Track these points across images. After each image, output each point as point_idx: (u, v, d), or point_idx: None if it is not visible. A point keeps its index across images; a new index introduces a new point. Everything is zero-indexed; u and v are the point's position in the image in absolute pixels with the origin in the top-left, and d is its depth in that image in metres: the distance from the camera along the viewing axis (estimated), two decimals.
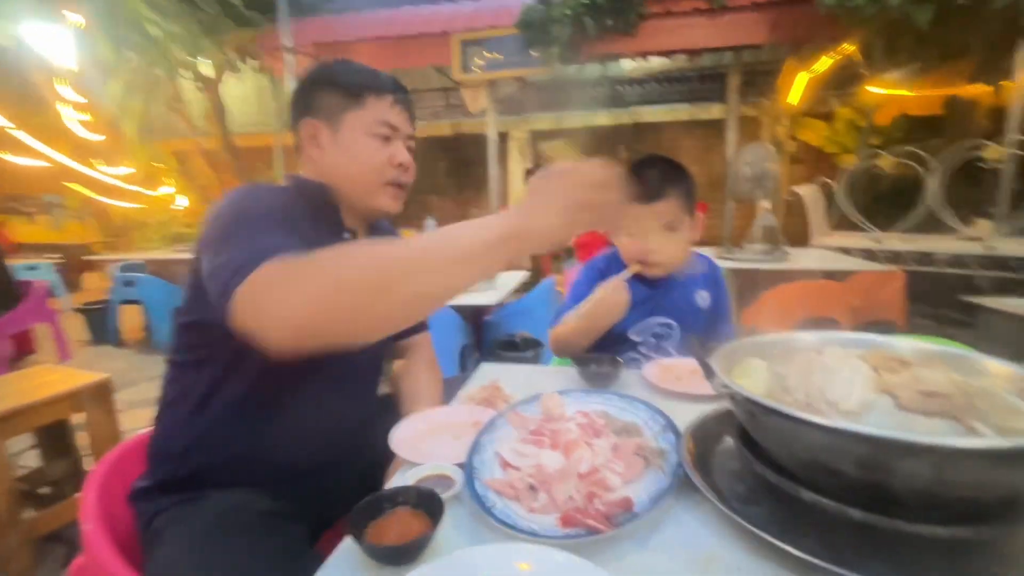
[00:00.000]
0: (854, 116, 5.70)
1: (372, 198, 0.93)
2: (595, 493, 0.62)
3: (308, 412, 0.88)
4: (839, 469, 0.51)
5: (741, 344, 0.74)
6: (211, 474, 0.83)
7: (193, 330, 0.84)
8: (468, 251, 0.59)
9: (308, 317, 0.58)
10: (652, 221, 1.19)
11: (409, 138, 0.96)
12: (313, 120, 0.90)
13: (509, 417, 0.82)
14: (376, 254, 0.59)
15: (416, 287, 0.59)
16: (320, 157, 0.91)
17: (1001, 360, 0.64)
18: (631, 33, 4.43)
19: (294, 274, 0.59)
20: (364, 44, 5.08)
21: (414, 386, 1.08)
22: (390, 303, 0.58)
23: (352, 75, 0.91)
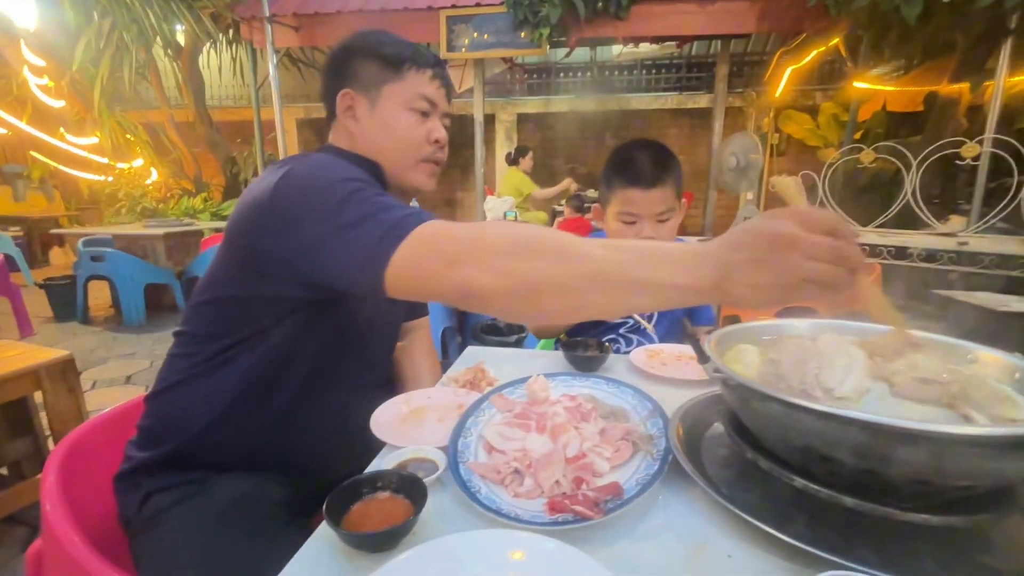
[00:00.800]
0: (837, 111, 5.77)
1: (408, 174, 0.90)
2: (583, 478, 0.60)
3: (330, 395, 0.86)
4: (834, 456, 0.50)
5: (732, 330, 0.73)
6: (227, 455, 0.80)
7: (223, 305, 0.80)
8: (659, 285, 0.51)
9: (479, 289, 0.55)
10: (648, 208, 1.16)
11: (445, 115, 0.93)
12: (350, 91, 0.87)
13: (494, 400, 0.80)
14: (569, 251, 0.54)
15: (596, 297, 0.54)
16: (357, 130, 0.88)
17: (991, 349, 0.63)
18: (622, 17, 4.37)
19: (472, 241, 0.57)
20: (346, 16, 4.91)
21: (414, 370, 1.07)
22: (563, 304, 0.56)
23: (392, 46, 0.87)
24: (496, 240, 0.56)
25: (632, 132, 7.34)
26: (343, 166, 0.74)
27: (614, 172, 1.19)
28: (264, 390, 0.80)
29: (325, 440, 0.86)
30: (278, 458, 0.82)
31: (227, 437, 0.80)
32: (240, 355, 0.79)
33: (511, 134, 7.51)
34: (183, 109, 6.83)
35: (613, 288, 0.53)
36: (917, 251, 3.66)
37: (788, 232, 0.46)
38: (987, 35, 3.58)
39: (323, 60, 0.94)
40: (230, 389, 0.79)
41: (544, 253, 0.54)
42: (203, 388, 0.80)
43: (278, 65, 5.41)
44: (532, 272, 0.54)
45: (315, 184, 0.69)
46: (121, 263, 3.93)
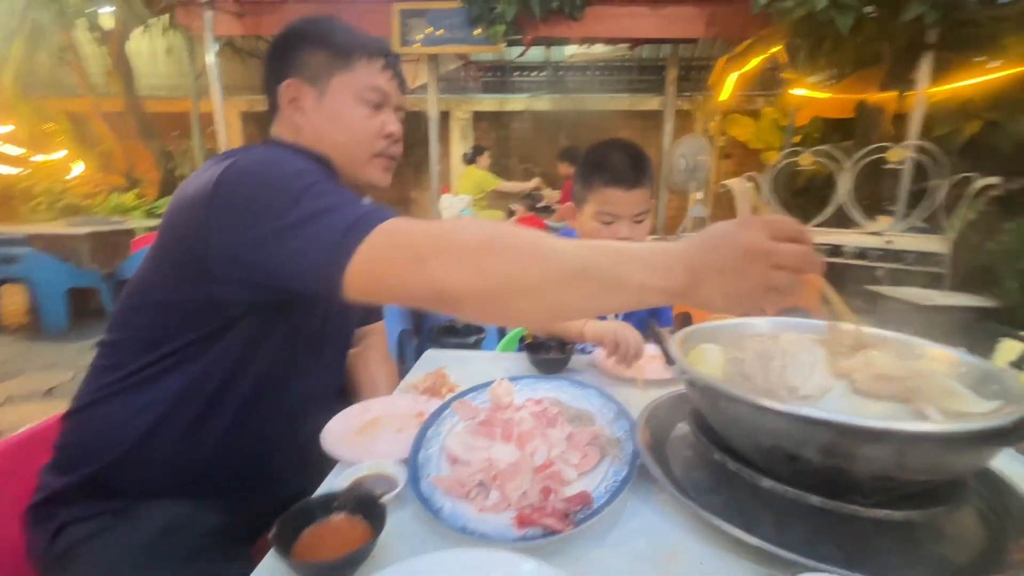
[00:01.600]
0: (778, 116, 6.06)
1: (362, 170, 0.84)
2: (551, 488, 0.58)
3: (277, 408, 0.79)
4: (801, 455, 0.50)
5: (695, 330, 0.73)
6: (156, 478, 0.72)
7: (157, 310, 0.72)
8: (634, 286, 0.50)
9: (451, 289, 0.52)
10: (628, 208, 1.15)
11: (399, 108, 0.88)
12: (295, 80, 0.80)
13: (456, 407, 0.76)
14: (544, 250, 0.52)
15: (571, 298, 0.52)
16: (303, 122, 0.81)
17: (937, 344, 0.66)
18: (576, 17, 4.41)
19: (443, 238, 0.54)
20: (294, 5, 4.69)
21: (370, 378, 1.01)
22: (538, 304, 0.53)
23: (342, 34, 0.81)
24: (469, 238, 0.53)
25: (586, 132, 7.43)
26: (294, 159, 0.69)
27: (594, 172, 1.17)
28: (203, 404, 0.73)
29: (271, 457, 0.79)
30: (217, 479, 0.75)
31: (158, 457, 0.72)
32: (176, 366, 0.72)
33: (466, 132, 7.43)
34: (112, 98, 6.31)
35: (589, 288, 0.52)
36: (850, 249, 3.90)
37: (759, 243, 0.47)
38: (910, 48, 3.86)
39: None
40: (164, 404, 0.72)
41: (519, 252, 0.52)
42: (132, 403, 0.72)
43: (220, 54, 5.11)
44: (507, 272, 0.52)
45: (265, 177, 0.64)
46: (39, 265, 3.59)
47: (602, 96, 7.29)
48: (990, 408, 0.53)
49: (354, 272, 0.55)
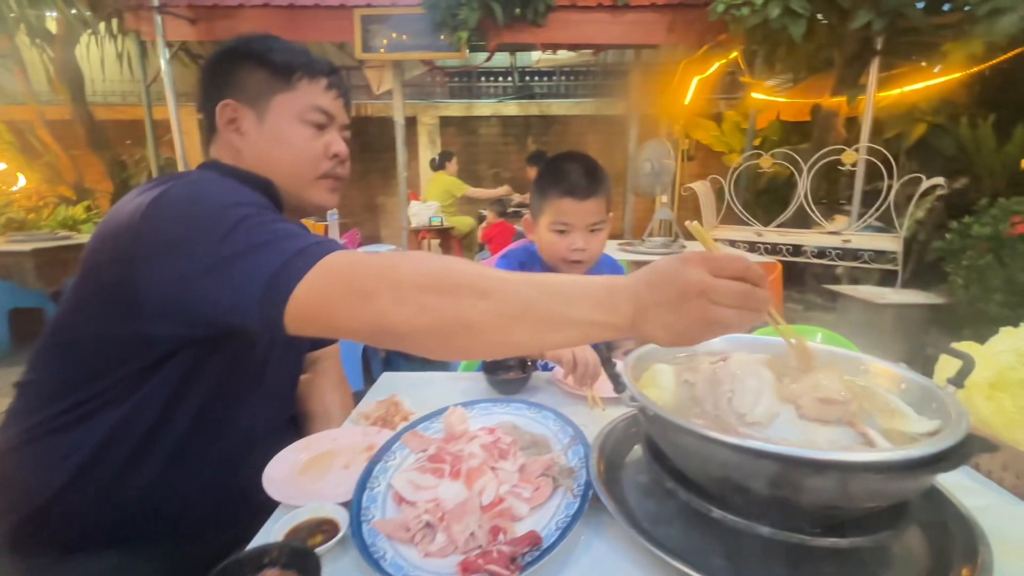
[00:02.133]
0: (739, 119, 6.23)
1: (307, 192, 0.81)
2: (500, 527, 0.56)
3: (218, 447, 0.75)
4: (749, 486, 0.49)
5: (647, 351, 0.72)
6: (80, 530, 0.67)
7: (80, 348, 0.67)
8: (580, 323, 0.50)
9: (395, 326, 0.51)
10: (582, 218, 1.15)
11: (345, 128, 0.85)
12: (232, 102, 0.76)
13: (407, 439, 0.73)
14: (490, 288, 0.51)
15: (518, 336, 0.51)
16: (243, 145, 0.77)
17: (880, 360, 0.67)
18: (539, 24, 4.42)
19: (387, 274, 0.52)
20: (249, 10, 4.56)
21: (323, 406, 0.97)
22: (485, 341, 0.53)
23: (281, 52, 0.78)
24: (413, 273, 0.52)
25: (553, 137, 7.48)
26: (232, 187, 0.65)
27: (549, 183, 1.18)
28: (133, 449, 0.68)
29: (210, 501, 0.75)
30: (149, 528, 0.70)
31: (82, 508, 0.67)
32: (103, 408, 0.67)
33: (434, 137, 7.37)
34: (57, 106, 6.01)
35: (535, 326, 0.51)
36: (809, 248, 4.03)
37: (698, 280, 0.46)
38: (859, 54, 4.02)
39: None
40: (89, 449, 0.66)
41: (464, 289, 0.51)
42: (54, 450, 0.67)
43: (173, 60, 4.92)
44: (453, 309, 0.51)
45: (199, 207, 0.60)
46: None
47: (568, 101, 7.35)
48: (931, 428, 0.54)
49: (294, 309, 0.53)
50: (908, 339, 2.77)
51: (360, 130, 7.50)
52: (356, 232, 4.82)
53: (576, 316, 0.50)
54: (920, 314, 2.87)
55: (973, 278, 2.68)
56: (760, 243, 4.18)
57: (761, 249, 4.12)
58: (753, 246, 4.16)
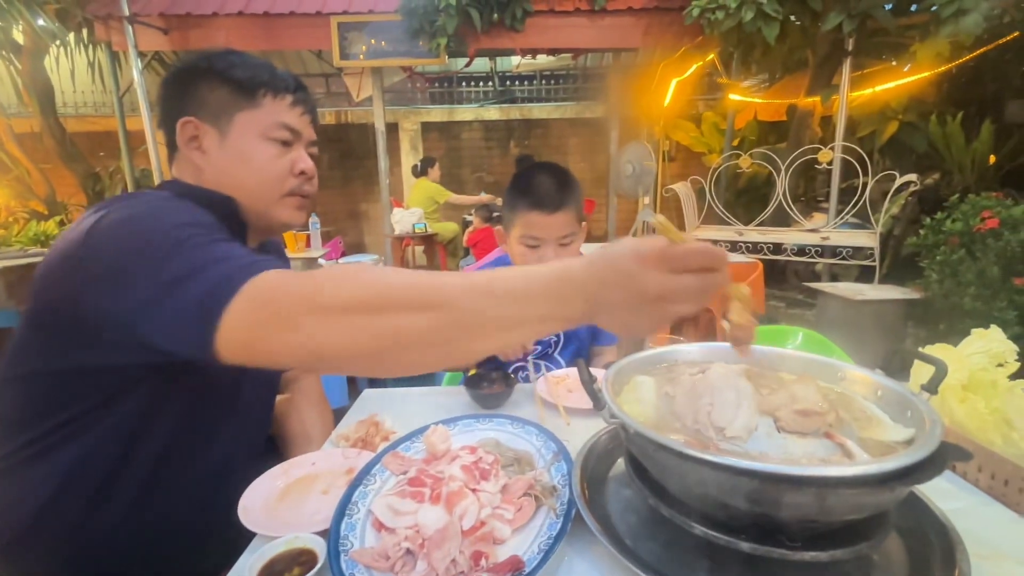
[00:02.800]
0: (717, 119, 6.31)
1: (271, 211, 0.79)
2: (481, 552, 0.55)
3: (190, 475, 0.72)
4: (729, 502, 0.49)
5: (627, 363, 0.72)
6: (44, 567, 0.64)
7: (37, 382, 0.65)
8: (533, 319, 0.48)
9: (329, 353, 0.49)
10: (551, 232, 1.14)
11: (311, 143, 0.83)
12: (193, 119, 0.74)
13: (387, 461, 0.72)
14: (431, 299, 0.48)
15: (469, 343, 0.49)
16: (205, 163, 0.75)
17: (856, 367, 0.68)
18: (517, 29, 4.44)
19: (310, 295, 0.49)
20: (225, 19, 4.50)
21: (303, 427, 0.94)
22: (434, 355, 0.50)
23: (244, 68, 0.76)
24: (341, 294, 0.49)
25: (535, 141, 7.50)
26: (176, 208, 0.63)
27: (517, 196, 1.16)
28: (99, 483, 0.66)
29: (184, 535, 0.73)
30: (118, 565, 0.67)
31: (47, 545, 0.64)
32: (64, 443, 0.64)
33: (416, 143, 7.34)
34: (25, 118, 5.85)
35: (486, 332, 0.49)
36: (789, 246, 4.09)
37: (657, 285, 0.45)
38: (832, 55, 4.10)
39: None
40: (50, 486, 0.64)
41: (402, 303, 0.48)
42: (13, 488, 0.64)
43: (146, 70, 4.83)
44: (392, 327, 0.48)
45: (138, 232, 0.58)
46: None
47: (549, 105, 7.38)
48: (906, 436, 0.54)
49: (223, 339, 0.50)
50: (886, 334, 2.82)
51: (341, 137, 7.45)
52: (339, 240, 4.77)
53: (528, 314, 0.48)
54: (897, 309, 2.93)
55: (947, 273, 2.74)
56: (741, 242, 4.23)
57: (742, 248, 4.18)
58: (734, 245, 4.21)
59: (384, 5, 4.53)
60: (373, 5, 4.56)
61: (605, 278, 0.47)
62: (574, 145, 7.49)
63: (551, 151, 7.49)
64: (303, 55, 7.11)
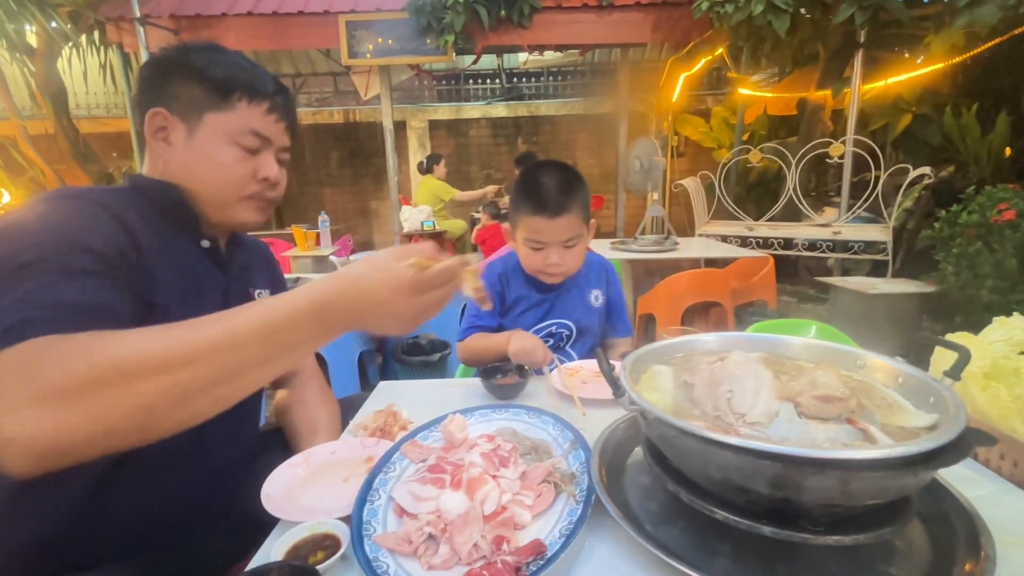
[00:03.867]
0: (727, 114, 6.26)
1: (227, 211, 0.79)
2: (503, 536, 0.55)
3: (178, 457, 0.73)
4: (750, 487, 0.49)
5: (645, 352, 0.72)
6: (43, 555, 0.65)
7: None
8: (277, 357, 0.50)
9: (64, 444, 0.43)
10: (554, 236, 1.14)
11: (283, 150, 0.83)
12: (163, 111, 0.74)
13: (406, 449, 0.73)
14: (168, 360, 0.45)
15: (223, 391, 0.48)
16: (168, 155, 0.75)
17: (877, 354, 0.67)
18: (525, 25, 4.43)
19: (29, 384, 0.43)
20: (234, 19, 4.54)
21: (311, 421, 0.93)
22: (188, 413, 0.48)
23: (222, 67, 0.75)
24: (69, 372, 0.43)
25: (543, 137, 7.49)
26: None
27: (521, 198, 1.16)
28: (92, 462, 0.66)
29: (179, 508, 0.74)
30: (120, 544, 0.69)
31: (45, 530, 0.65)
32: None
33: (424, 141, 7.36)
34: (40, 120, 5.93)
35: (236, 377, 0.48)
36: (800, 241, 4.05)
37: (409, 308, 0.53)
38: (843, 47, 4.05)
39: None
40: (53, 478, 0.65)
41: (135, 373, 0.44)
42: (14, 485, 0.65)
43: None
44: (130, 400, 0.44)
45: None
46: None
47: (557, 101, 7.36)
48: (929, 422, 0.54)
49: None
50: (901, 328, 2.79)
51: (349, 136, 7.49)
52: (349, 238, 4.80)
53: (272, 353, 0.49)
54: (912, 303, 2.90)
55: (963, 265, 2.71)
56: (751, 237, 4.20)
57: (752, 243, 4.14)
58: (744, 240, 4.18)
59: (392, 3, 4.54)
60: (381, 3, 4.58)
61: (361, 305, 0.52)
62: (582, 141, 7.47)
63: (559, 147, 7.48)
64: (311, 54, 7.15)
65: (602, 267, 1.36)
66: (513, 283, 1.26)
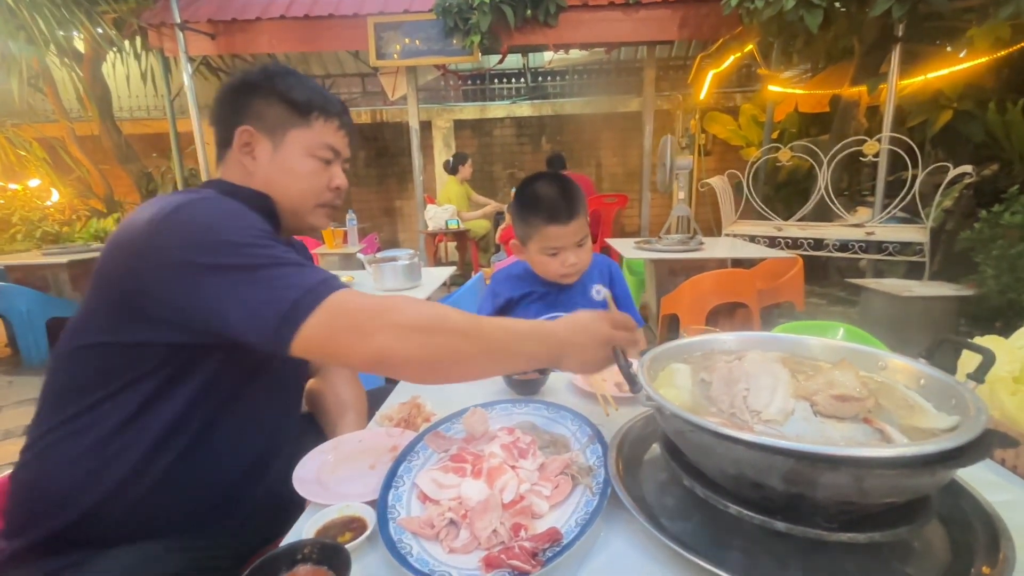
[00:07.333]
0: (756, 112, 6.13)
1: (306, 217, 0.88)
2: (521, 524, 0.57)
3: (231, 439, 0.78)
4: (765, 482, 0.50)
5: (663, 350, 0.73)
6: (113, 525, 0.70)
7: (105, 353, 0.70)
8: (525, 356, 0.70)
9: (394, 359, 0.62)
10: (569, 239, 1.23)
11: (347, 161, 0.93)
12: (251, 128, 0.82)
13: (429, 440, 0.76)
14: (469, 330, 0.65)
15: (487, 366, 0.69)
16: (254, 168, 0.84)
17: (898, 356, 0.67)
18: (551, 24, 4.44)
19: (385, 311, 0.63)
20: (268, 23, 4.68)
21: (338, 403, 1.01)
22: (464, 371, 0.68)
23: (302, 91, 0.85)
24: (410, 316, 0.63)
25: (567, 136, 7.46)
26: (244, 211, 0.71)
27: (531, 212, 1.24)
28: (158, 440, 0.71)
29: (226, 495, 0.78)
30: (179, 516, 0.73)
31: (115, 502, 0.70)
32: (129, 403, 0.70)
33: (448, 141, 7.43)
34: (86, 122, 6.23)
35: (500, 358, 0.69)
36: (831, 242, 3.95)
37: (608, 334, 0.71)
38: (879, 42, 3.92)
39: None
40: (117, 445, 0.69)
41: (452, 331, 0.64)
42: (77, 448, 0.70)
43: (195, 74, 5.07)
44: (443, 347, 0.63)
45: (215, 225, 0.65)
46: (15, 297, 3.52)
47: (582, 100, 7.32)
48: (950, 424, 0.54)
49: (302, 341, 0.61)
50: (936, 333, 2.70)
51: (376, 136, 7.61)
52: (375, 236, 4.89)
53: (525, 352, 0.69)
54: (948, 306, 2.80)
55: (1004, 268, 2.60)
56: (780, 237, 4.11)
57: (781, 244, 4.06)
58: (773, 241, 4.10)
59: (419, 5, 4.60)
60: (408, 5, 4.65)
61: (574, 328, 0.71)
62: (607, 140, 7.42)
63: (583, 146, 7.45)
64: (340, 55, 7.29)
65: (604, 265, 1.44)
66: (519, 285, 1.37)
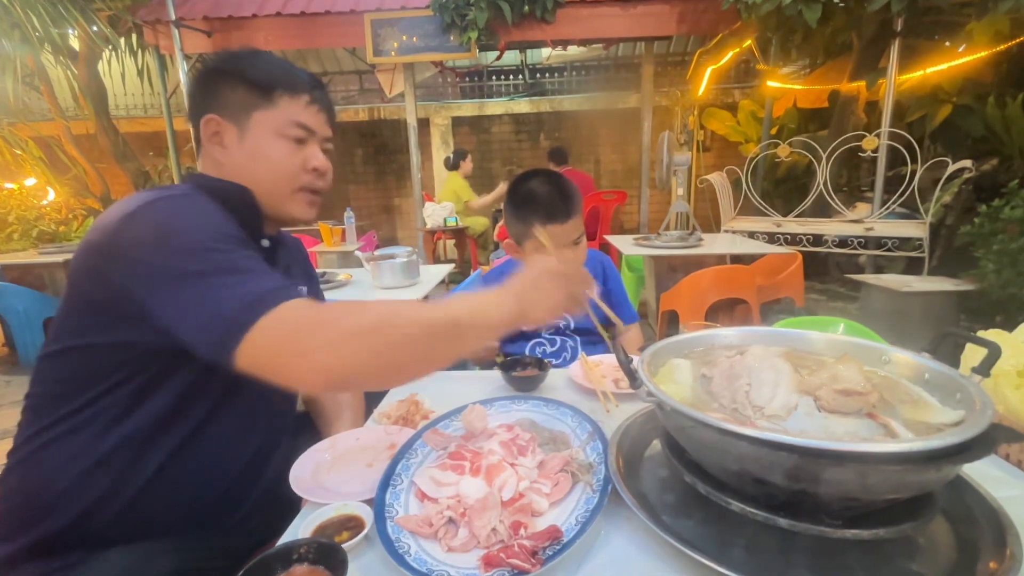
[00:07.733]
0: (754, 108, 6.11)
1: (284, 205, 0.83)
2: (520, 522, 0.57)
3: (224, 437, 0.77)
4: (767, 478, 0.49)
5: (664, 345, 0.72)
6: (108, 526, 0.69)
7: (86, 355, 0.69)
8: (489, 326, 0.63)
9: (338, 370, 0.57)
10: (567, 237, 1.22)
11: (326, 140, 0.87)
12: (215, 116, 0.79)
13: (427, 437, 0.75)
14: (423, 320, 0.60)
15: (446, 352, 0.62)
16: (224, 158, 0.80)
17: (902, 350, 0.66)
18: (548, 20, 4.41)
19: (324, 325, 0.57)
20: (263, 20, 4.64)
21: (336, 406, 0.99)
22: (424, 366, 0.62)
23: (262, 69, 0.80)
24: (347, 325, 0.57)
25: (566, 132, 7.44)
26: (209, 210, 0.69)
27: (529, 212, 1.21)
28: (148, 440, 0.70)
29: (224, 484, 0.77)
30: (172, 517, 0.72)
31: (106, 505, 0.69)
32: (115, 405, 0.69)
33: (447, 138, 7.40)
34: (82, 121, 6.19)
35: (463, 339, 0.62)
36: (831, 238, 3.94)
37: (560, 268, 0.68)
38: (878, 37, 3.91)
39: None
40: (99, 450, 0.68)
41: (404, 329, 0.58)
42: (66, 451, 0.69)
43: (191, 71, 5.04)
44: (391, 346, 0.58)
45: (173, 230, 0.63)
46: (11, 296, 3.50)
47: (580, 96, 7.30)
48: (955, 418, 0.53)
49: (244, 350, 0.56)
50: (937, 328, 2.69)
51: (374, 133, 7.59)
52: (373, 234, 4.87)
53: (487, 322, 0.62)
54: (948, 301, 2.79)
55: (1005, 262, 2.59)
56: (779, 233, 4.10)
57: (780, 240, 4.05)
58: (772, 237, 4.09)
59: (416, 1, 4.57)
60: (405, 2, 4.62)
61: (532, 284, 0.66)
62: (605, 136, 7.40)
63: (582, 143, 7.43)
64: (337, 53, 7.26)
65: (598, 261, 1.44)
66: None
